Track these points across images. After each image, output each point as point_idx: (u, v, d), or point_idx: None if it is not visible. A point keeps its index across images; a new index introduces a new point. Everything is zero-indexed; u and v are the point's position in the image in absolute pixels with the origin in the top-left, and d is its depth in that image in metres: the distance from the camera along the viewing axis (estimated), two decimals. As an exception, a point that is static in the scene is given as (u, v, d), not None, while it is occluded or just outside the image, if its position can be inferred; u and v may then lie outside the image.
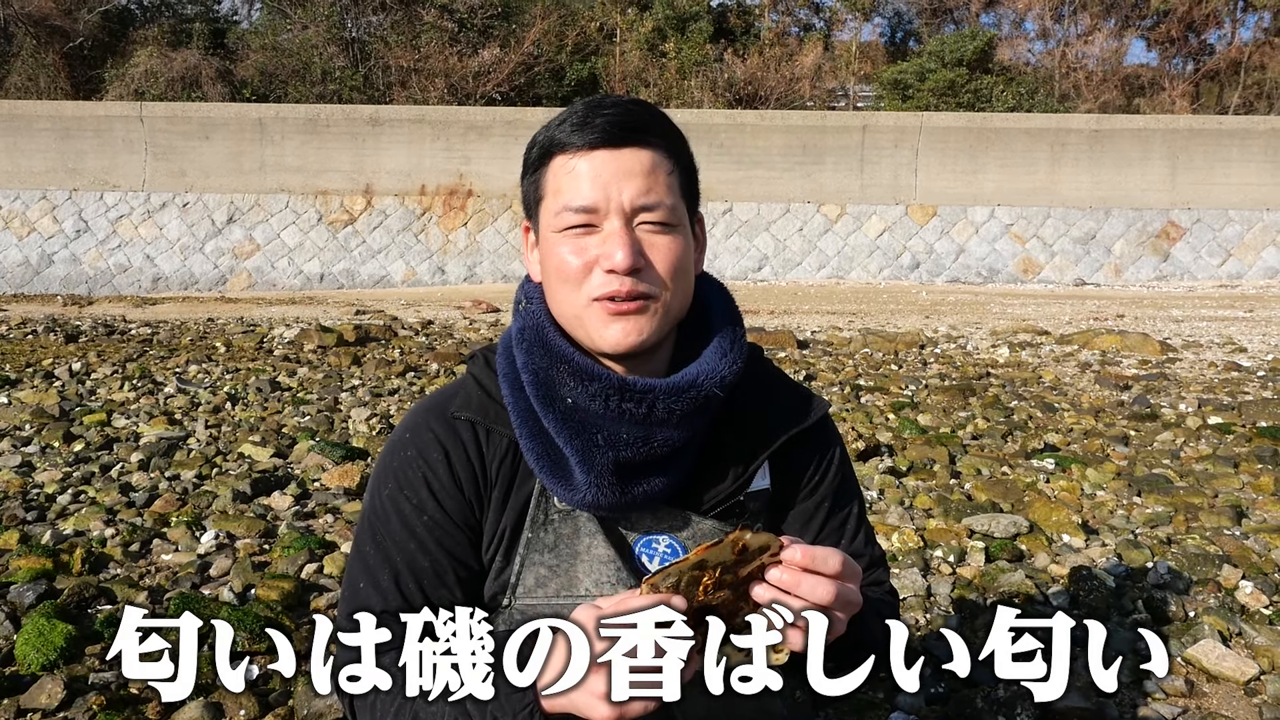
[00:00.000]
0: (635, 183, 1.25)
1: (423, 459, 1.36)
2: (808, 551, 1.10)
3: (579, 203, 1.25)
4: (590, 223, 1.25)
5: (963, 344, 10.23)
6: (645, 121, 1.28)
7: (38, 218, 18.65)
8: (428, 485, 1.35)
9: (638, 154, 1.26)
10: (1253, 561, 3.73)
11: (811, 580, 1.09)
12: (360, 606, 1.33)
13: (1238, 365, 8.75)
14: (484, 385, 1.40)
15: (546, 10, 27.00)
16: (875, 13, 31.24)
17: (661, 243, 1.27)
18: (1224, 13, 29.49)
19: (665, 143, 1.29)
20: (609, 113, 1.26)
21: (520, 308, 1.39)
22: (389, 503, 1.36)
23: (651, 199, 1.25)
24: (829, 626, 1.10)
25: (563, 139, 1.27)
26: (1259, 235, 18.08)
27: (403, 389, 7.37)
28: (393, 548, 1.34)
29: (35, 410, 6.24)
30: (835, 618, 1.11)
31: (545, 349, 1.31)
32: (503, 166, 19.09)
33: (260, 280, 17.93)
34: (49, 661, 2.79)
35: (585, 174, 1.25)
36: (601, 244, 1.25)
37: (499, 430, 1.36)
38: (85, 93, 25.43)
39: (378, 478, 1.40)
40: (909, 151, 18.89)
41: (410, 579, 1.33)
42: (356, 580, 1.36)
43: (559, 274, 1.28)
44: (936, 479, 4.97)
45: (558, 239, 1.28)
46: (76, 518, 4.19)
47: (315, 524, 4.23)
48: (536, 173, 1.32)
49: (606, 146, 1.25)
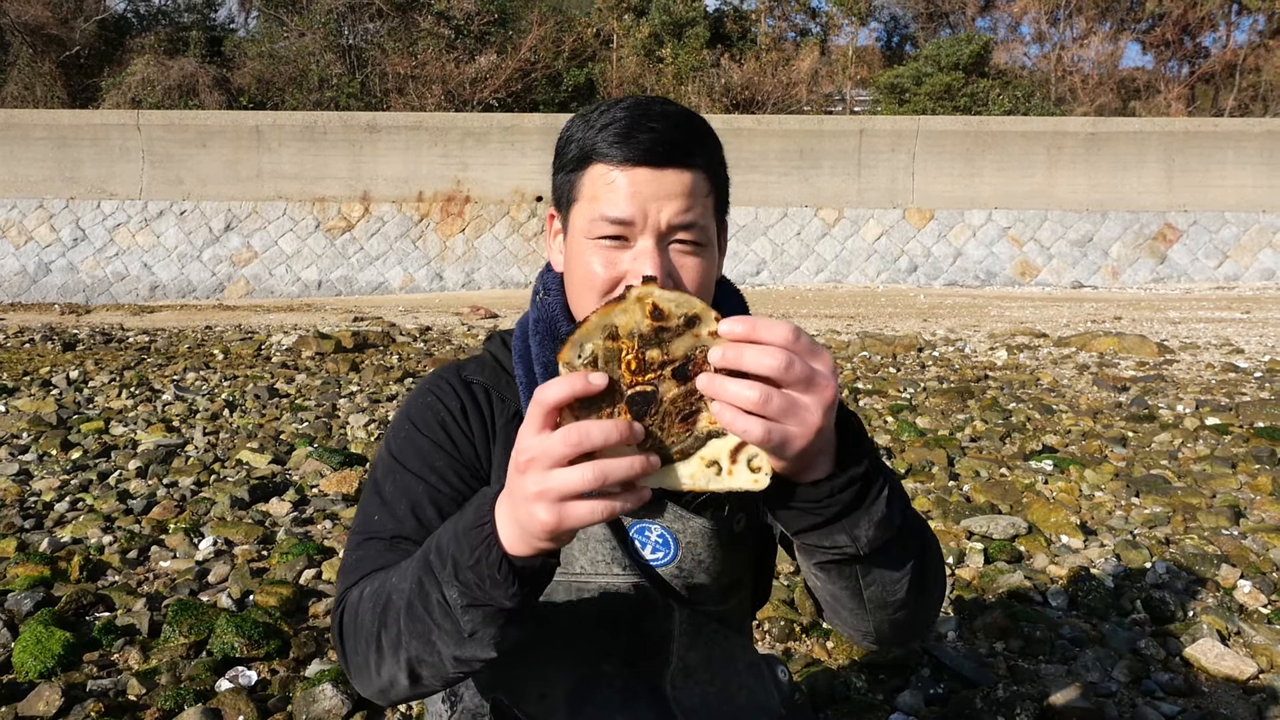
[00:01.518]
0: (673, 204, 1.23)
1: (443, 404, 1.41)
2: (743, 321, 0.96)
3: (614, 214, 1.23)
4: (623, 235, 1.24)
5: (961, 347, 10.24)
6: (690, 142, 1.26)
7: (35, 226, 18.65)
8: (444, 427, 1.39)
9: (679, 176, 1.24)
10: (1251, 561, 3.74)
11: (754, 350, 0.94)
12: (372, 534, 1.33)
13: (1235, 366, 8.76)
14: (499, 359, 1.46)
15: (543, 16, 27.06)
16: (871, 17, 31.33)
17: (691, 263, 1.26)
18: (1219, 16, 29.58)
19: (706, 163, 1.28)
20: (655, 128, 1.24)
21: (538, 298, 1.42)
22: (407, 443, 1.39)
23: (687, 220, 1.24)
24: (795, 431, 0.96)
25: (604, 149, 1.25)
26: (1255, 237, 18.11)
27: (401, 395, 7.37)
28: (412, 479, 1.36)
29: (33, 418, 6.23)
30: (799, 407, 0.96)
31: (556, 342, 1.34)
32: (500, 173, 19.11)
33: (258, 288, 17.92)
34: (47, 669, 2.79)
35: (624, 188, 1.23)
36: (632, 260, 1.24)
37: (508, 397, 1.41)
38: (82, 101, 25.45)
39: (396, 425, 1.44)
40: (906, 155, 18.92)
41: (429, 506, 1.33)
42: (371, 514, 1.36)
43: (585, 281, 1.28)
44: (935, 481, 4.97)
45: (588, 245, 1.27)
46: (74, 525, 4.18)
47: (314, 530, 4.22)
48: (573, 173, 1.30)
49: (648, 165, 1.23)
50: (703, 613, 1.41)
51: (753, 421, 0.94)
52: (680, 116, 1.27)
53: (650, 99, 1.30)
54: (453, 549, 1.07)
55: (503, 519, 1.04)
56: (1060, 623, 3.21)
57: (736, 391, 0.94)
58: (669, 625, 1.39)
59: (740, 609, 1.51)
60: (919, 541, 1.20)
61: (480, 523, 1.05)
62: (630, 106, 1.27)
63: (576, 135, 1.29)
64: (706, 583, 1.40)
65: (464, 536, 1.06)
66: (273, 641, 2.95)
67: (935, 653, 2.95)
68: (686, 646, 1.40)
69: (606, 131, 1.25)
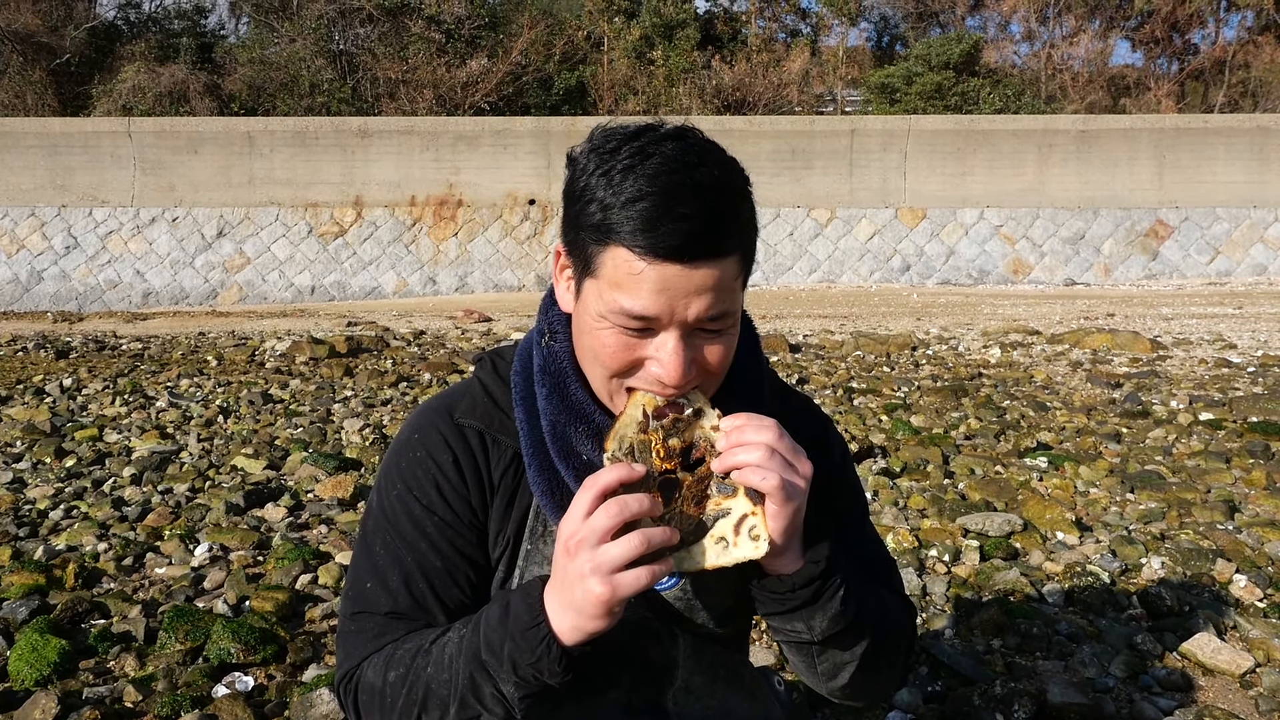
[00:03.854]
0: (703, 300, 1.14)
1: (432, 460, 1.35)
2: (740, 417, 1.18)
3: (639, 311, 1.14)
4: (647, 328, 1.17)
5: (954, 345, 10.25)
6: (724, 228, 1.14)
7: (27, 235, 18.60)
8: (437, 486, 1.34)
9: (711, 271, 1.14)
10: (1246, 555, 3.75)
11: (753, 428, 1.16)
12: (366, 607, 1.33)
13: (1228, 361, 8.79)
14: (491, 393, 1.38)
15: (534, 20, 27.04)
16: (861, 17, 31.37)
17: (715, 349, 1.21)
18: (1207, 12, 29.68)
19: (740, 243, 1.17)
20: (686, 216, 1.11)
21: (544, 341, 1.34)
22: (398, 503, 1.35)
23: (717, 311, 1.16)
24: (798, 481, 1.17)
25: (628, 235, 1.12)
26: (1246, 232, 18.18)
27: (395, 399, 7.36)
28: (403, 548, 1.33)
29: (26, 426, 6.21)
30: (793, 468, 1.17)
31: (565, 402, 1.29)
32: (492, 176, 19.10)
33: (251, 294, 17.89)
34: (42, 677, 2.78)
35: (650, 285, 1.13)
36: (655, 350, 1.18)
37: (504, 440, 1.35)
38: (73, 109, 25.39)
39: (385, 478, 1.39)
40: (897, 155, 18.95)
41: (421, 579, 1.32)
42: (363, 581, 1.35)
43: (599, 358, 1.22)
44: (930, 479, 4.97)
45: (606, 327, 1.19)
46: (69, 533, 4.17)
47: (309, 535, 4.21)
48: (591, 244, 1.17)
49: (678, 262, 1.12)
50: (706, 635, 1.42)
51: (766, 473, 1.14)
52: (714, 195, 1.14)
53: (682, 158, 1.14)
54: (510, 649, 1.14)
55: (554, 609, 1.12)
56: (1057, 619, 3.21)
57: (754, 439, 1.15)
58: (674, 652, 1.39)
59: (741, 630, 1.52)
60: (873, 634, 1.33)
61: (535, 622, 1.13)
62: (658, 177, 1.12)
63: (597, 195, 1.15)
64: (711, 605, 1.40)
65: (521, 638, 1.13)
66: (269, 647, 2.95)
67: (932, 650, 2.95)
68: (691, 670, 1.41)
69: (631, 211, 1.12)
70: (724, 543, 1.16)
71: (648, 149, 1.15)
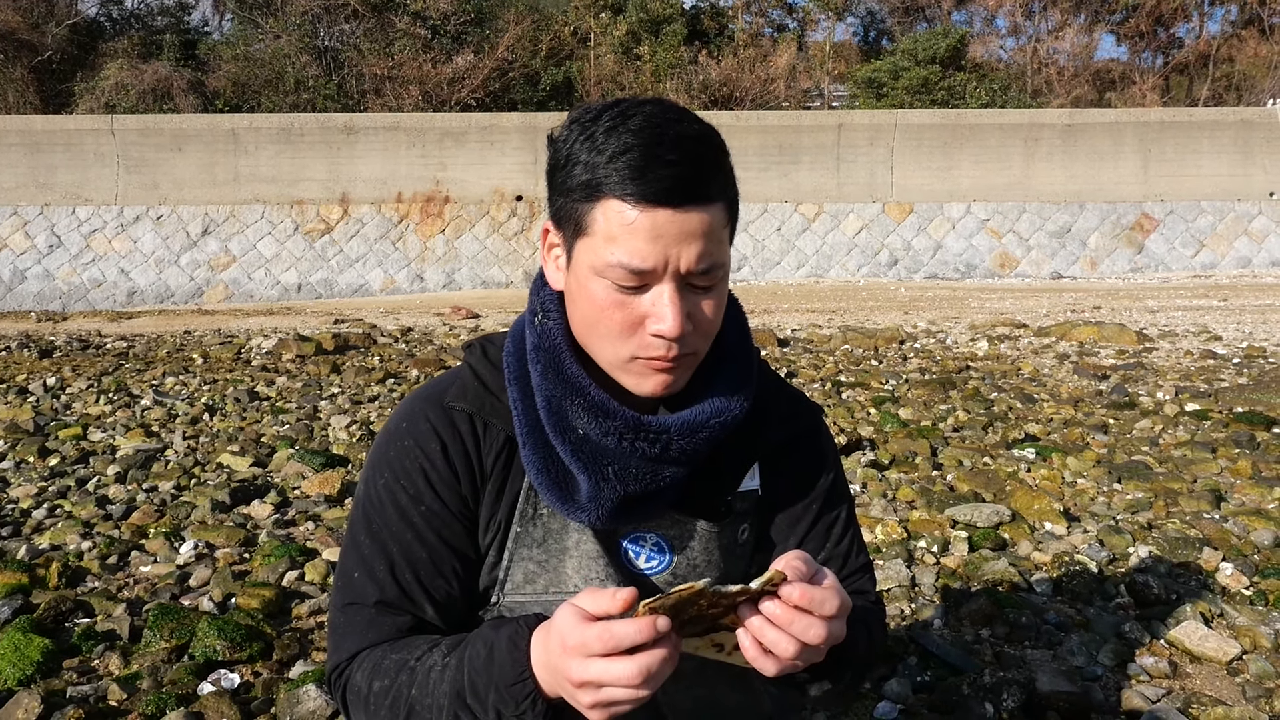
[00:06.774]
0: (694, 248, 1.16)
1: (420, 449, 1.33)
2: (806, 592, 1.05)
3: (637, 265, 1.16)
4: (642, 284, 1.18)
5: (942, 339, 10.28)
6: (710, 172, 1.17)
7: (9, 234, 18.45)
8: (425, 476, 1.32)
9: (701, 216, 1.16)
10: (1232, 544, 3.76)
11: (805, 621, 1.05)
12: (356, 598, 1.32)
13: (1213, 353, 8.83)
14: (481, 378, 1.37)
15: (520, 15, 26.98)
16: (848, 12, 31.43)
17: (709, 303, 1.22)
18: (1192, 6, 29.84)
19: (723, 189, 1.20)
20: (673, 162, 1.14)
21: (536, 320, 1.33)
22: (385, 493, 1.34)
23: (708, 263, 1.18)
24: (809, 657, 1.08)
25: (618, 185, 1.15)
26: (1231, 225, 18.27)
27: (383, 396, 7.33)
28: (389, 538, 1.32)
29: (9, 426, 6.16)
30: (817, 652, 1.09)
31: (560, 377, 1.28)
32: (479, 172, 19.04)
33: (237, 292, 17.79)
34: (26, 676, 2.75)
35: (644, 233, 1.15)
36: (651, 305, 1.19)
37: (495, 424, 1.34)
38: (55, 107, 25.21)
39: (373, 467, 1.37)
40: (884, 149, 18.97)
41: (407, 569, 1.31)
42: (351, 571, 1.34)
43: (600, 324, 1.22)
44: (919, 471, 4.98)
45: (602, 286, 1.20)
46: (53, 532, 4.13)
47: (296, 531, 4.19)
48: (580, 204, 1.19)
49: (668, 206, 1.14)
50: None
51: (773, 662, 1.07)
52: (696, 141, 1.18)
53: (662, 115, 1.18)
54: (495, 700, 1.12)
55: (542, 674, 1.09)
56: (1045, 608, 3.22)
57: (779, 643, 1.06)
58: None
59: None
60: (860, 666, 1.39)
61: (520, 678, 1.11)
62: (642, 130, 1.16)
63: (581, 157, 1.18)
64: None
65: (506, 691, 1.11)
66: (255, 644, 2.93)
67: (922, 641, 2.95)
68: (680, 657, 1.40)
69: (618, 163, 1.15)
70: (719, 647, 1.12)
71: (628, 111, 1.18)
